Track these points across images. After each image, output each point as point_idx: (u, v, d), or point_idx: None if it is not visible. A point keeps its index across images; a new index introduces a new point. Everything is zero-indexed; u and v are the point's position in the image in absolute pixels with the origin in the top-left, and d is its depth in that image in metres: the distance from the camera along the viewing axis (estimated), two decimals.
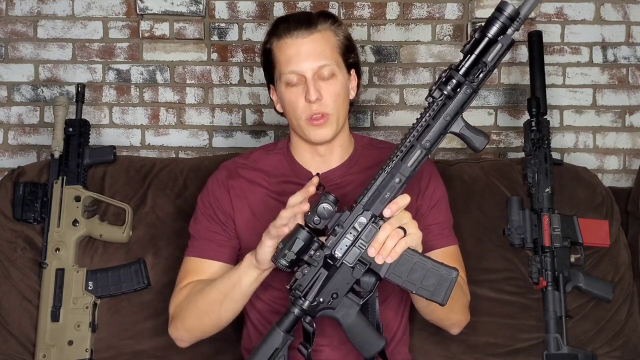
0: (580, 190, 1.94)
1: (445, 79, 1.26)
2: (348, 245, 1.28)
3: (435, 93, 1.27)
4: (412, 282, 1.29)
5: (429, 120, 1.27)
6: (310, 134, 1.48)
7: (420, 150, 1.27)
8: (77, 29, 2.29)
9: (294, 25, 1.47)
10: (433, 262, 1.30)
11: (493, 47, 1.23)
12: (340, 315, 1.30)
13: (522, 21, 1.23)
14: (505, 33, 1.23)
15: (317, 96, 1.44)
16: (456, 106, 1.27)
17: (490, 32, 1.23)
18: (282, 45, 1.47)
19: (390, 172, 1.28)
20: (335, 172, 1.55)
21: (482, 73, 1.25)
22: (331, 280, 1.29)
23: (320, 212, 1.27)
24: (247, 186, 1.56)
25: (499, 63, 1.26)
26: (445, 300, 1.29)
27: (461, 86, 1.25)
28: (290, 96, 1.47)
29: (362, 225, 1.28)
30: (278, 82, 1.50)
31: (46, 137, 2.27)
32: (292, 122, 1.51)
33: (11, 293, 1.83)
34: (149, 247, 1.85)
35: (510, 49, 1.25)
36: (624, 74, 2.32)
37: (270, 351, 1.30)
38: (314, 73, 1.45)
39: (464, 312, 1.56)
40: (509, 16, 1.21)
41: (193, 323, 1.49)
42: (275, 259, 1.28)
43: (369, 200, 1.28)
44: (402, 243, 1.26)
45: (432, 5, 2.31)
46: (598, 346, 1.84)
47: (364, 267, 1.29)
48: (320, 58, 1.45)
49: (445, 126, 1.27)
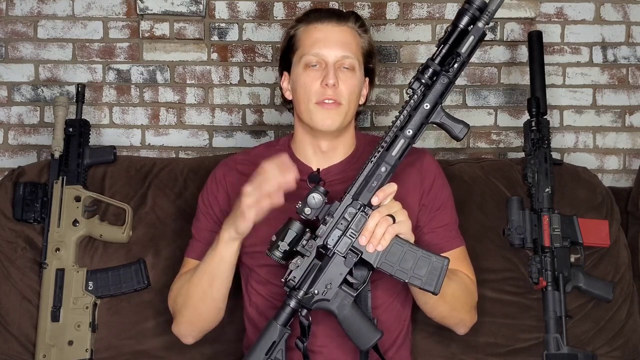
0: (580, 190, 1.94)
1: (422, 69, 1.33)
2: (339, 235, 1.32)
3: (414, 85, 1.34)
4: (404, 271, 1.32)
5: (410, 111, 1.34)
6: (318, 118, 1.48)
7: (403, 140, 1.34)
8: (77, 29, 2.29)
9: (326, 14, 1.52)
10: (424, 251, 1.33)
11: (466, 39, 1.32)
12: (335, 307, 1.33)
13: (492, 15, 1.32)
14: (475, 25, 1.32)
15: (334, 82, 1.46)
16: (434, 95, 1.33)
17: (461, 22, 1.33)
18: (310, 29, 1.51)
19: (376, 162, 1.34)
20: (335, 168, 1.56)
21: (456, 63, 1.32)
22: (324, 271, 1.33)
23: (310, 202, 1.30)
24: (245, 182, 1.56)
25: (472, 54, 1.33)
26: (438, 289, 1.32)
27: (438, 75, 1.33)
28: (305, 79, 1.49)
29: (352, 215, 1.32)
30: (296, 66, 1.51)
31: (46, 137, 2.27)
32: (301, 106, 1.51)
33: (11, 293, 1.83)
34: (149, 247, 1.85)
35: (482, 41, 1.34)
36: (624, 74, 2.32)
37: (268, 345, 1.33)
38: (336, 61, 1.48)
39: (470, 312, 1.56)
40: (478, 7, 1.31)
41: (191, 314, 1.51)
42: (269, 251, 1.31)
43: (357, 190, 1.33)
44: (391, 230, 1.30)
45: (432, 5, 2.31)
46: (598, 346, 1.84)
47: (356, 257, 1.32)
48: (345, 49, 1.49)
49: (426, 115, 1.34)
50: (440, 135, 2.29)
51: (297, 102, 1.53)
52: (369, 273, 1.34)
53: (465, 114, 2.30)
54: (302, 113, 1.51)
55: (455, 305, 1.49)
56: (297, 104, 1.53)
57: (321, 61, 1.48)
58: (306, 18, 1.53)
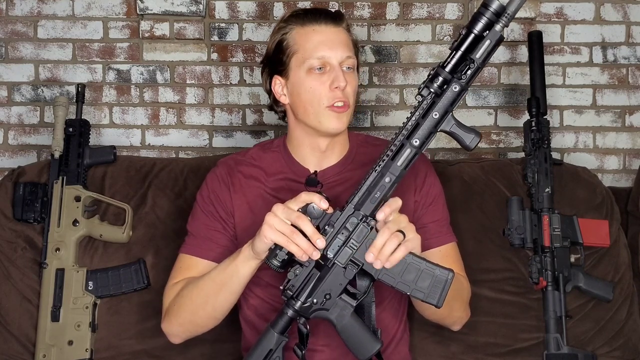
0: (580, 190, 1.93)
1: (432, 77, 1.25)
2: (340, 246, 1.27)
3: (423, 91, 1.26)
4: (406, 284, 1.28)
5: (418, 118, 1.26)
6: (330, 122, 1.46)
7: (410, 149, 1.27)
8: (77, 29, 2.29)
9: (320, 16, 1.49)
10: (427, 263, 1.28)
11: (481, 44, 1.22)
12: (334, 317, 1.30)
13: (511, 17, 1.21)
14: (492, 29, 1.21)
15: (345, 84, 1.45)
16: (445, 104, 1.25)
17: (476, 28, 1.22)
18: (307, 32, 1.47)
19: (380, 171, 1.27)
20: (332, 170, 1.55)
21: (470, 70, 1.23)
22: (323, 281, 1.29)
23: (310, 211, 1.26)
24: (245, 182, 1.56)
25: (488, 59, 1.24)
26: (441, 302, 1.28)
27: (448, 83, 1.24)
28: (312, 83, 1.46)
29: (353, 225, 1.27)
30: (296, 69, 1.47)
31: (46, 137, 2.27)
32: (308, 109, 1.47)
33: (11, 293, 1.83)
34: (149, 247, 1.85)
35: (499, 45, 1.23)
36: (624, 74, 2.32)
37: (265, 353, 1.30)
38: (341, 62, 1.46)
39: (465, 309, 1.56)
40: (495, 12, 1.20)
41: (187, 317, 1.48)
42: (267, 259, 1.28)
43: (359, 200, 1.28)
44: (402, 249, 1.25)
45: (432, 5, 2.31)
46: (598, 346, 1.84)
47: (356, 268, 1.28)
48: (347, 49, 1.48)
49: (435, 124, 1.26)
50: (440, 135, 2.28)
51: (301, 107, 1.49)
52: (370, 284, 1.30)
53: (465, 114, 2.30)
54: (309, 117, 1.48)
55: (452, 306, 1.48)
56: (300, 108, 1.49)
57: (326, 64, 1.46)
58: (298, 20, 1.49)
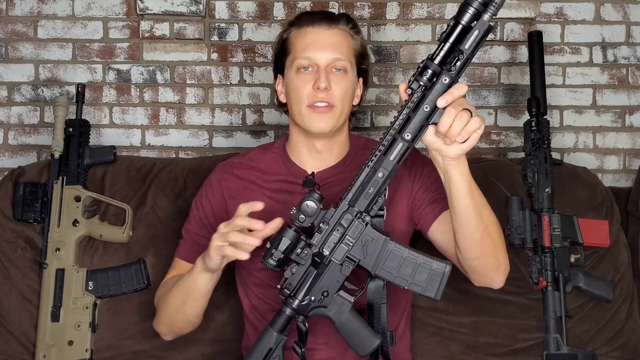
0: (580, 190, 1.94)
1: (421, 70, 1.23)
2: (335, 243, 1.28)
3: (413, 85, 1.24)
4: (403, 278, 1.29)
5: (409, 112, 1.24)
6: (311, 122, 1.48)
7: (402, 144, 1.25)
8: (77, 29, 2.29)
9: (317, 18, 1.51)
10: (424, 257, 1.30)
11: (469, 34, 1.20)
12: (332, 314, 1.30)
13: (499, 6, 1.19)
14: (480, 19, 1.19)
15: (326, 85, 1.46)
16: (435, 96, 1.22)
17: (464, 19, 1.20)
18: (302, 32, 1.51)
19: (373, 166, 1.27)
20: (330, 171, 1.55)
21: (459, 61, 1.21)
22: (320, 279, 1.29)
23: (304, 209, 1.27)
24: (241, 185, 1.57)
25: (477, 50, 1.21)
26: (439, 295, 1.29)
27: (438, 76, 1.22)
28: (298, 82, 1.49)
29: (348, 222, 1.28)
30: (289, 69, 1.52)
31: (46, 137, 2.27)
32: (293, 109, 1.51)
33: (11, 293, 1.83)
34: (149, 247, 1.85)
35: (487, 35, 1.21)
36: (624, 74, 2.32)
37: (264, 352, 1.31)
38: (328, 64, 1.48)
39: (506, 256, 1.45)
40: (482, 1, 1.19)
41: (167, 320, 1.53)
42: (263, 259, 1.28)
43: (353, 196, 1.28)
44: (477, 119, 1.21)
45: (432, 5, 2.31)
46: (598, 346, 1.84)
47: (353, 264, 1.29)
48: (337, 51, 1.49)
49: (427, 117, 1.23)
50: None
51: (290, 105, 1.53)
52: (367, 280, 1.31)
53: None
54: (295, 116, 1.52)
55: (497, 243, 1.39)
56: (290, 106, 1.53)
57: (313, 64, 1.48)
58: (298, 22, 1.53)
